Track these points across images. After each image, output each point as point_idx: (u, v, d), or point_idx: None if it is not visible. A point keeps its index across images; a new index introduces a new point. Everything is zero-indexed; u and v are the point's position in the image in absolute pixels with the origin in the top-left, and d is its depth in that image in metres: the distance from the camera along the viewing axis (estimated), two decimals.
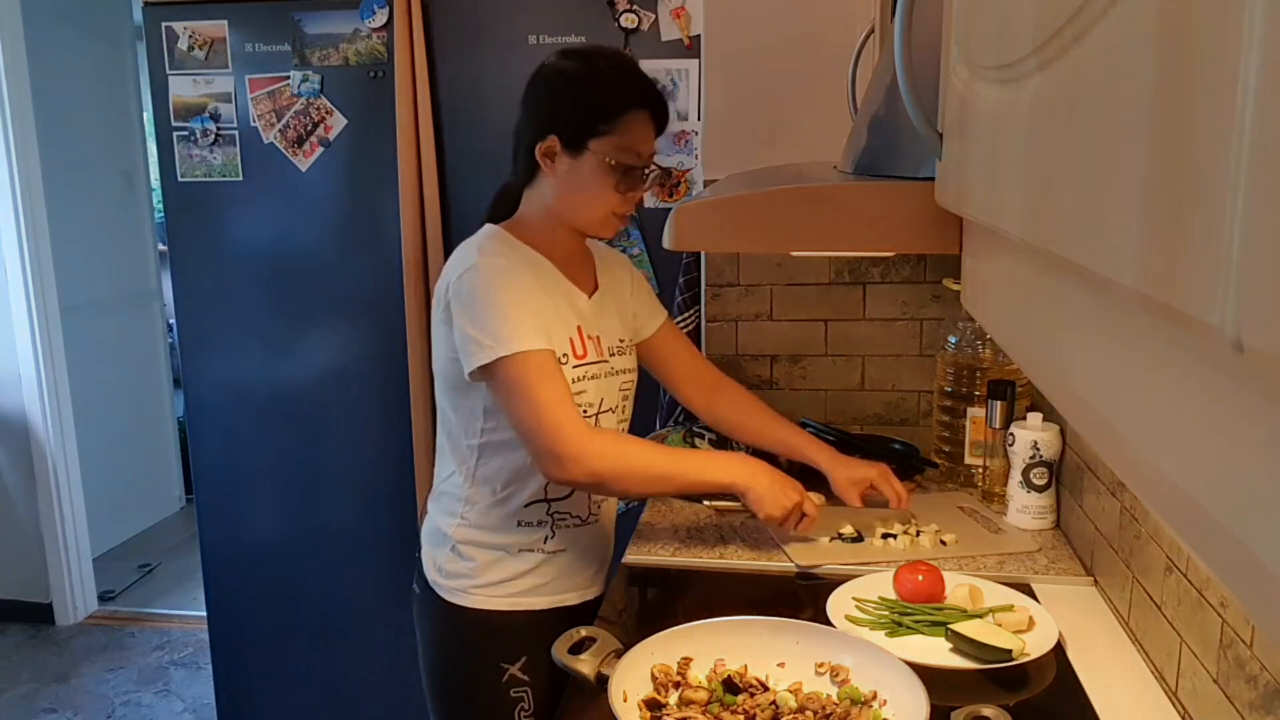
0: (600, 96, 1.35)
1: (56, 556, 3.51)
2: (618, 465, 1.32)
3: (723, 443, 1.78)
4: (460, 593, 1.45)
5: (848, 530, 1.59)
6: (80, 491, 3.59)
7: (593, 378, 1.43)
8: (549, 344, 1.32)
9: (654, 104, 1.38)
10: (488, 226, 1.45)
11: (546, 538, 1.45)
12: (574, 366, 1.40)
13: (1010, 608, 1.29)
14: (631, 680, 1.10)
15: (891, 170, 0.99)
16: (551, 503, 1.44)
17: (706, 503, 1.72)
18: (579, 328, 1.43)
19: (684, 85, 2.21)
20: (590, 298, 1.47)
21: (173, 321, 2.67)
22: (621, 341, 1.51)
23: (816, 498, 1.50)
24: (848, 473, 1.57)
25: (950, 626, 1.23)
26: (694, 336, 2.10)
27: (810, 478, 1.56)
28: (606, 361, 1.46)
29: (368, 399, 2.48)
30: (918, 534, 1.58)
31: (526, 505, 1.43)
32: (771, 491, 1.40)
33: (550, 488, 1.43)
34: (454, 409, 1.43)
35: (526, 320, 1.31)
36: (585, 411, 1.43)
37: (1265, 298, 0.22)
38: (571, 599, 1.50)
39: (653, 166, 1.41)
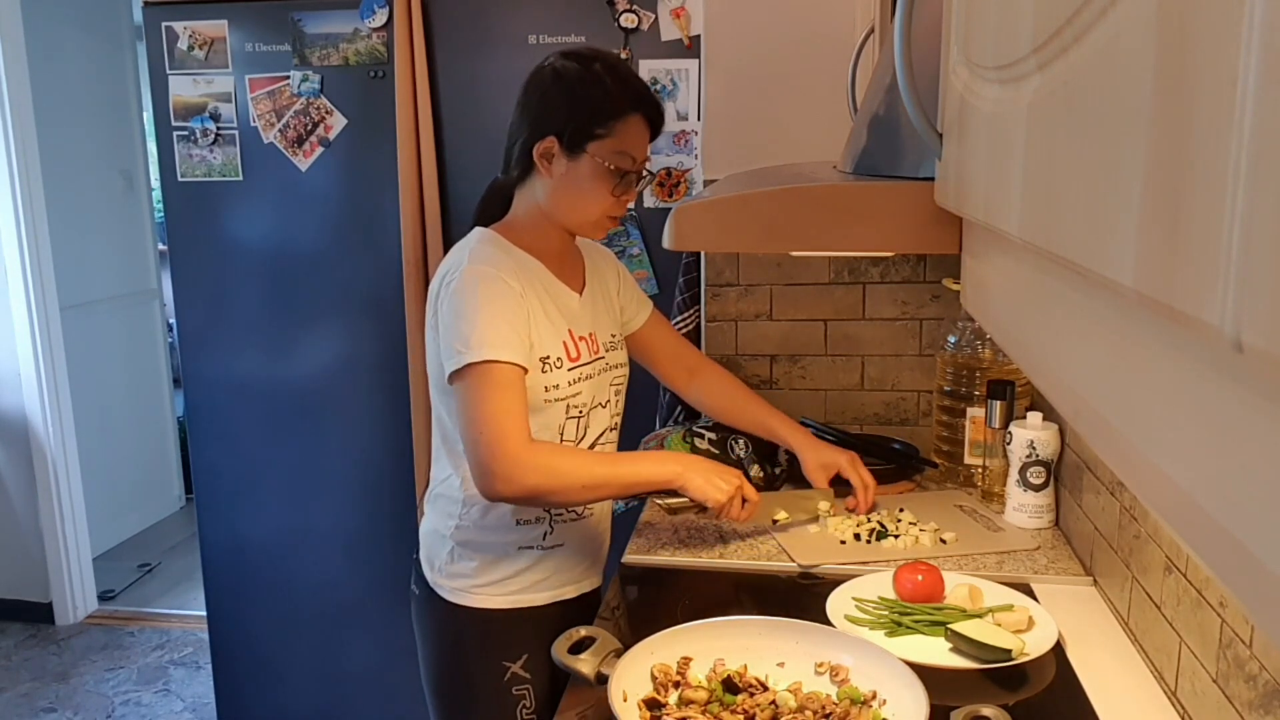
0: (600, 100, 1.35)
1: (56, 556, 3.50)
2: (549, 479, 1.32)
3: (723, 441, 1.78)
4: (462, 593, 1.45)
5: (781, 516, 1.63)
6: (80, 491, 3.59)
7: (587, 378, 1.44)
8: (519, 359, 1.33)
9: (650, 108, 1.39)
10: (479, 230, 1.45)
11: (545, 534, 1.46)
12: (568, 369, 1.41)
13: (1010, 607, 1.29)
14: (631, 680, 1.10)
15: (891, 170, 0.99)
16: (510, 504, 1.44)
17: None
18: (570, 330, 1.43)
19: (684, 85, 2.21)
20: (580, 296, 1.48)
21: (173, 321, 2.67)
22: (613, 336, 1.53)
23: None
24: (818, 456, 1.63)
25: (950, 626, 1.23)
26: (694, 336, 2.10)
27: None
28: (602, 358, 1.48)
29: (368, 398, 2.48)
30: (880, 528, 1.59)
31: None
32: (709, 479, 1.41)
33: None
34: (448, 412, 1.43)
35: (500, 331, 1.32)
36: (580, 411, 1.44)
37: (1265, 298, 0.23)
38: (570, 592, 1.51)
39: (646, 170, 1.42)
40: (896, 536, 1.57)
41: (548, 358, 1.38)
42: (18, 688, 3.11)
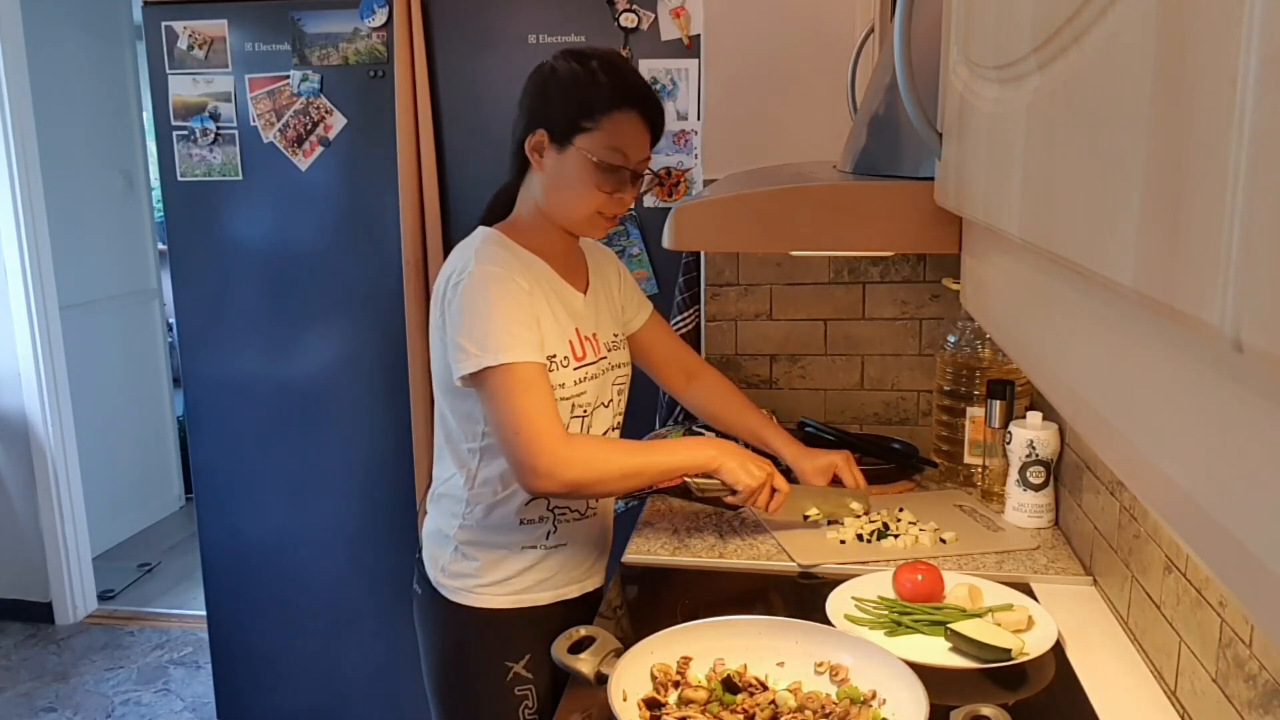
0: (589, 93, 1.35)
1: (56, 556, 3.50)
2: (591, 471, 1.33)
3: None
4: (465, 592, 1.45)
5: (813, 513, 1.63)
6: (80, 491, 3.59)
7: (593, 378, 1.45)
8: (537, 356, 1.33)
9: (645, 105, 1.38)
10: (483, 229, 1.45)
11: (548, 533, 1.46)
12: (575, 369, 1.41)
13: (1009, 607, 1.29)
14: (631, 679, 1.10)
15: (891, 170, 0.99)
16: (551, 499, 1.45)
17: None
18: (576, 329, 1.44)
19: (684, 85, 2.21)
20: (584, 296, 1.49)
21: (173, 320, 2.67)
22: (616, 336, 1.54)
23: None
24: (813, 462, 1.64)
25: (949, 626, 1.23)
26: (694, 336, 2.10)
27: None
28: (605, 358, 1.48)
29: (368, 398, 2.48)
30: (883, 529, 1.59)
31: (527, 503, 1.44)
32: (743, 464, 1.45)
33: None
34: (452, 412, 1.43)
35: (515, 331, 1.32)
36: (585, 410, 1.44)
37: (1265, 298, 0.23)
38: (572, 592, 1.51)
39: (646, 171, 1.41)
40: (896, 536, 1.57)
41: (554, 357, 1.38)
42: (18, 687, 3.11)
